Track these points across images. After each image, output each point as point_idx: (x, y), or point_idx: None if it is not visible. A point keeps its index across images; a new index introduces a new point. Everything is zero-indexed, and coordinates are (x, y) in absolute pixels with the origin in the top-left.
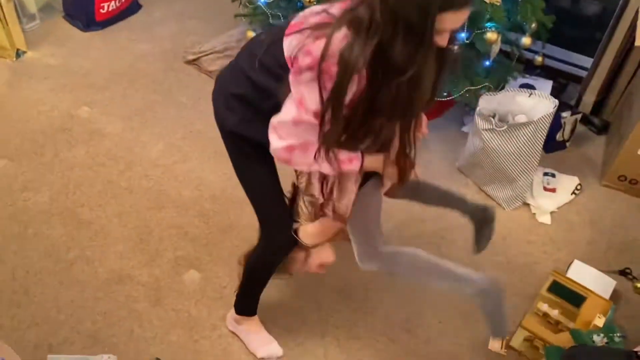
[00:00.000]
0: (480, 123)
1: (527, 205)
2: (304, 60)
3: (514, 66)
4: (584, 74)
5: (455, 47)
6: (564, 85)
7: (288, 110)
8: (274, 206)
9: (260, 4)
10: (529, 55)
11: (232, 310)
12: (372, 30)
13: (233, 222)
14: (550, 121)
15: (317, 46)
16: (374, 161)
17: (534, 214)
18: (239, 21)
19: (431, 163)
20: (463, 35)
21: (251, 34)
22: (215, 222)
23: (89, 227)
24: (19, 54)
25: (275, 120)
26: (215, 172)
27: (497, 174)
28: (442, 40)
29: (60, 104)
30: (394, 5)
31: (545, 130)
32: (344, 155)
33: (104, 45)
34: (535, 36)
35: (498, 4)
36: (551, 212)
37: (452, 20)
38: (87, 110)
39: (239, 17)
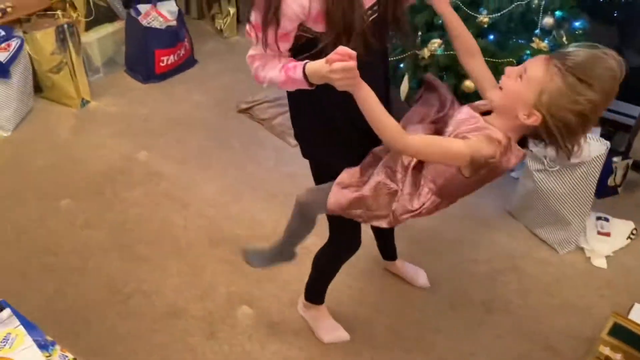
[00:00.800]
0: (531, 164)
1: (581, 248)
2: None
3: None
4: (632, 122)
5: None
6: (612, 133)
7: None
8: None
9: None
10: None
11: (303, 296)
12: None
13: None
14: (602, 162)
15: None
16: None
17: (589, 257)
18: None
19: (480, 207)
20: None
21: None
22: None
23: (145, 262)
24: (83, 103)
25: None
26: (266, 211)
27: (549, 216)
28: None
29: (120, 148)
30: None
31: (598, 172)
32: (290, 63)
33: (161, 95)
34: None
35: (546, 49)
36: (606, 256)
37: None
38: (145, 154)
39: None
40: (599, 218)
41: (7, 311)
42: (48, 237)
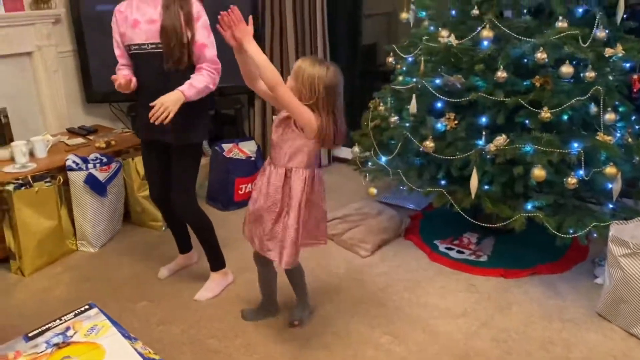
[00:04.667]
0: (615, 250)
1: None
2: None
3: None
4: None
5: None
6: None
7: None
8: None
9: (382, 163)
10: None
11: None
12: None
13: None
14: None
15: None
16: None
17: None
18: (357, 201)
19: (567, 310)
20: (581, 172)
21: (373, 191)
22: None
23: (216, 355)
24: (166, 225)
25: None
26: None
27: None
28: None
29: (198, 261)
30: None
31: None
32: None
33: (238, 219)
34: None
35: (611, 142)
36: None
37: None
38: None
39: (357, 198)
40: None
41: (94, 310)
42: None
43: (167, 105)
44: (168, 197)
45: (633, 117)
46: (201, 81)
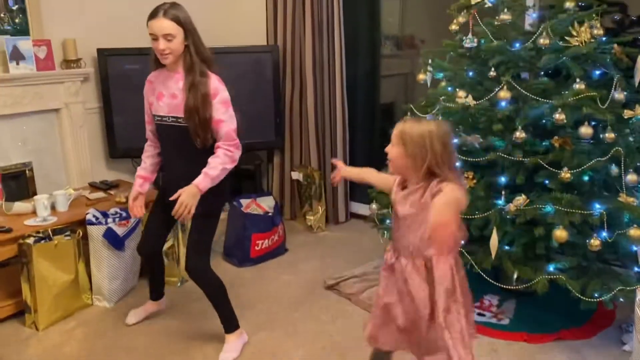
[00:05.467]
0: None
1: None
2: None
3: None
4: None
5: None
6: None
7: None
8: None
9: None
10: None
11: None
12: None
13: None
14: None
15: None
16: None
17: None
18: (374, 258)
19: None
20: (604, 234)
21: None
22: None
23: None
24: (182, 281)
25: None
26: None
27: None
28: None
29: (212, 316)
30: None
31: None
32: None
33: (253, 275)
34: None
35: (635, 203)
36: None
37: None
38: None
39: (374, 255)
40: None
41: None
42: None
43: (186, 203)
44: (159, 250)
45: None
46: (216, 167)
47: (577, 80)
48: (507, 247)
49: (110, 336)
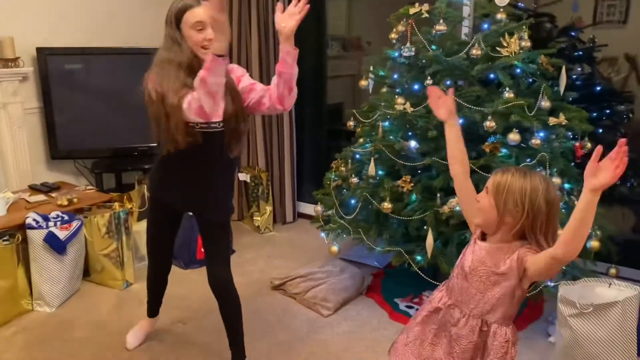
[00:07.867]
0: (564, 310)
1: None
2: None
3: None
4: None
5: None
6: None
7: None
8: None
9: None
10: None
11: None
12: None
13: None
14: (637, 303)
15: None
16: None
17: None
18: (320, 258)
19: None
20: None
21: (335, 250)
22: None
23: None
24: (126, 284)
25: None
26: None
27: None
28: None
29: (157, 322)
30: None
31: (635, 313)
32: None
33: (200, 277)
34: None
35: None
36: None
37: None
38: (181, 326)
39: (320, 255)
40: None
41: None
42: None
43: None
44: (169, 260)
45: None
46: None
47: (507, 89)
48: (441, 246)
49: (53, 342)
